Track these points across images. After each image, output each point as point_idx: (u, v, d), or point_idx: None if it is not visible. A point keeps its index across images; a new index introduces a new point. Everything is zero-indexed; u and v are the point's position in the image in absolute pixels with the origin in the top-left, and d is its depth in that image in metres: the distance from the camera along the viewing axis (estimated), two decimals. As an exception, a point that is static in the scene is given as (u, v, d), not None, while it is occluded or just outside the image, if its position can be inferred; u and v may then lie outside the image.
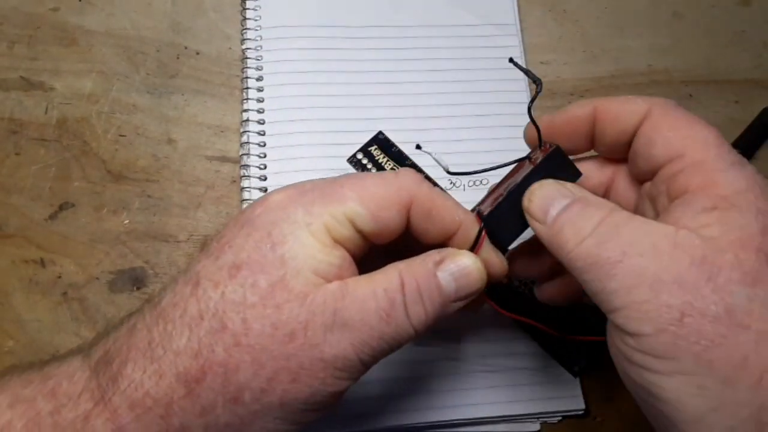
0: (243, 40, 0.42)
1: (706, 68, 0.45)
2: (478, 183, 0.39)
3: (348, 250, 0.26)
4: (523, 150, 0.42)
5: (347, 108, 0.41)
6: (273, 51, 0.42)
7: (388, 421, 0.34)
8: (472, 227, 0.28)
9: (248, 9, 0.43)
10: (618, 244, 0.23)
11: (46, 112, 0.40)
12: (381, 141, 0.40)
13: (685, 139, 0.25)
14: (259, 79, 0.41)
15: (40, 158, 0.39)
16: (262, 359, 0.24)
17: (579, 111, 0.28)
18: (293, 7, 0.43)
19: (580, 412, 0.35)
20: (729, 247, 0.22)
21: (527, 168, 0.28)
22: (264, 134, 0.40)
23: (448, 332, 0.36)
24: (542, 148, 0.29)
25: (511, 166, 0.30)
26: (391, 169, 0.39)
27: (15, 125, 0.39)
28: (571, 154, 0.29)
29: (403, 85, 0.42)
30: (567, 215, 0.25)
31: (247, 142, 0.39)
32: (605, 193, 0.30)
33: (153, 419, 0.24)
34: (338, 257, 0.26)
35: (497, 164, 0.30)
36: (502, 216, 0.28)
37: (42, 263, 0.36)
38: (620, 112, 0.27)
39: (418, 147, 0.30)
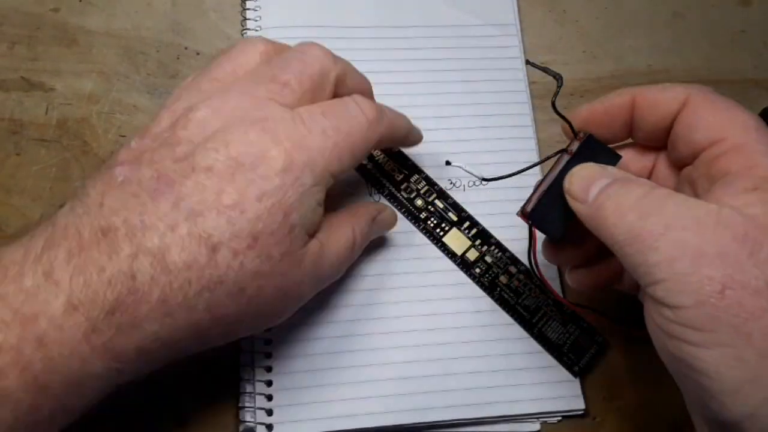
0: (243, 41, 0.42)
1: (706, 68, 0.45)
2: (478, 183, 0.39)
3: None
4: (525, 149, 0.42)
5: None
6: (273, 51, 0.42)
7: (387, 421, 0.34)
8: (408, 124, 0.35)
9: (248, 9, 0.43)
10: (661, 217, 0.24)
11: (46, 113, 0.40)
12: None
13: (725, 124, 0.26)
14: (260, 79, 0.41)
15: (40, 158, 0.39)
16: (264, 311, 0.29)
17: (618, 99, 0.30)
18: (293, 7, 0.43)
19: (580, 412, 0.35)
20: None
21: (565, 159, 0.30)
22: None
23: (447, 332, 0.36)
24: (577, 137, 0.30)
25: (553, 160, 0.30)
26: (391, 170, 0.39)
27: (15, 126, 0.39)
28: (610, 143, 0.30)
29: (402, 85, 0.42)
30: (608, 192, 0.26)
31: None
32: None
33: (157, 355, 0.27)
34: (321, 213, 0.30)
35: (532, 163, 0.31)
36: (547, 209, 0.29)
37: (42, 263, 0.36)
38: (659, 99, 0.28)
39: (448, 163, 0.34)
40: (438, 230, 0.38)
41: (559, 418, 0.35)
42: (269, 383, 0.34)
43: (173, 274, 0.25)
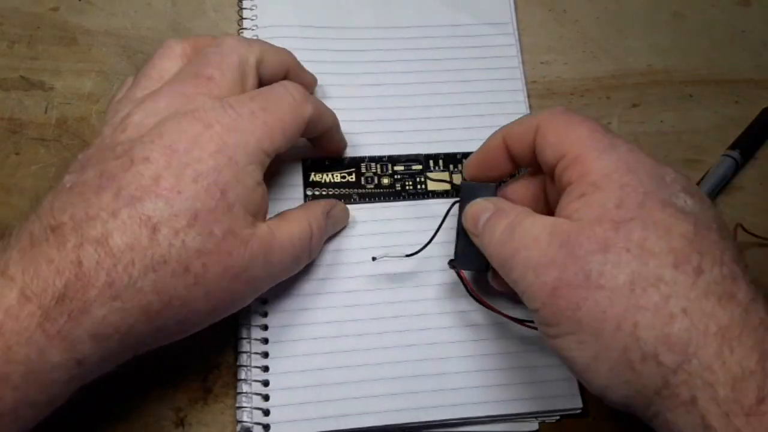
0: (241, 40, 0.42)
1: (706, 68, 0.45)
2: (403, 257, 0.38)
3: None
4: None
5: (342, 109, 0.41)
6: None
7: (384, 421, 0.34)
8: (337, 123, 0.37)
9: (245, 9, 0.43)
10: (512, 243, 0.29)
11: (45, 112, 0.40)
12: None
13: (564, 139, 0.30)
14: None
15: (40, 158, 0.39)
16: (215, 292, 0.29)
17: (492, 143, 0.34)
18: (289, 6, 0.43)
19: (578, 411, 0.35)
20: (588, 224, 0.26)
21: (458, 206, 0.34)
22: (261, 134, 0.40)
23: (446, 332, 0.36)
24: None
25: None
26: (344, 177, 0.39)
27: (15, 125, 0.39)
28: (505, 178, 0.36)
29: (398, 84, 0.42)
30: (488, 224, 0.31)
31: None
32: (543, 200, 0.34)
33: (113, 344, 0.27)
34: (262, 193, 0.31)
35: (437, 227, 0.35)
36: (466, 250, 0.33)
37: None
38: (519, 131, 0.32)
39: (374, 258, 0.35)
40: (420, 186, 0.39)
41: (558, 417, 0.35)
42: (266, 383, 0.34)
43: (117, 256, 0.26)
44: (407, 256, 0.35)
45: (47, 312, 0.25)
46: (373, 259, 0.35)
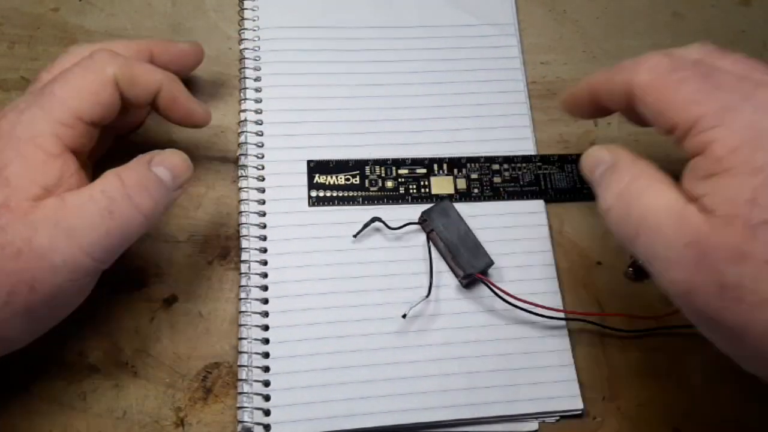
0: (241, 40, 0.42)
1: (706, 68, 0.45)
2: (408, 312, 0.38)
3: (84, 146, 0.31)
4: (524, 150, 0.42)
5: (345, 110, 0.41)
6: (271, 51, 0.42)
7: (385, 421, 0.34)
8: (174, 83, 0.34)
9: (246, 9, 0.43)
10: (630, 220, 0.27)
11: (46, 113, 0.40)
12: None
13: (670, 108, 0.27)
14: (257, 79, 0.41)
15: (40, 158, 0.39)
16: (16, 275, 0.27)
17: (580, 94, 0.33)
18: (291, 7, 0.43)
19: (579, 412, 0.35)
20: (720, 225, 0.24)
21: (434, 236, 0.37)
22: (262, 134, 0.40)
23: (445, 332, 0.36)
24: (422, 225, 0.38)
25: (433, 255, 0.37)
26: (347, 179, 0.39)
27: (15, 125, 0.39)
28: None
29: (400, 85, 0.42)
30: (603, 180, 0.29)
31: (245, 143, 0.39)
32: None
33: None
34: (59, 167, 0.29)
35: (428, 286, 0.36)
36: (468, 257, 0.36)
37: (42, 263, 0.36)
38: (609, 93, 0.31)
39: (404, 316, 0.35)
40: (423, 189, 0.39)
41: (558, 418, 0.35)
42: (267, 383, 0.34)
43: None
44: (426, 296, 0.36)
45: None
46: (403, 316, 0.35)
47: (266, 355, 0.35)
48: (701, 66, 0.28)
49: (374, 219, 0.37)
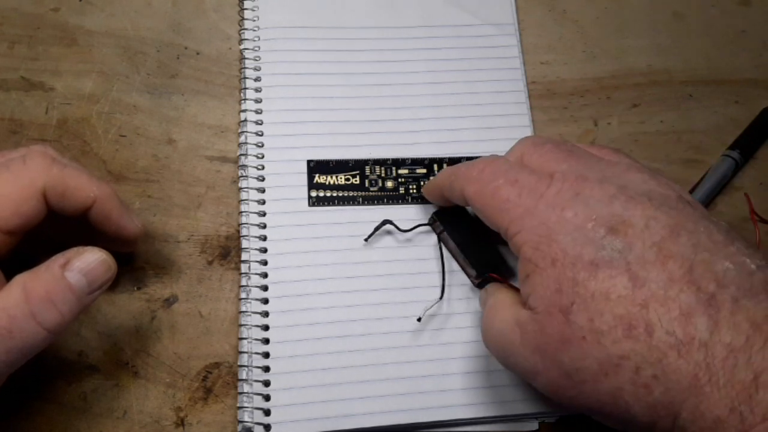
0: (241, 41, 0.42)
1: (706, 68, 0.45)
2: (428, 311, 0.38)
3: None
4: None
5: (345, 110, 0.41)
6: (271, 51, 0.42)
7: (385, 421, 0.34)
8: (108, 199, 0.31)
9: (246, 9, 0.43)
10: (495, 337, 0.30)
11: (46, 113, 0.40)
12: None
13: (489, 217, 0.31)
14: (257, 79, 0.41)
15: (40, 158, 0.39)
16: None
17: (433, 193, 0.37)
18: (291, 7, 0.43)
19: (579, 412, 0.35)
20: (543, 319, 0.27)
21: (445, 237, 0.37)
22: (262, 134, 0.40)
23: (445, 332, 0.36)
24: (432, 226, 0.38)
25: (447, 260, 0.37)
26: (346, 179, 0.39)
27: (15, 125, 0.39)
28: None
29: (401, 85, 0.42)
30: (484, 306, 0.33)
31: (245, 143, 0.39)
32: None
33: None
34: None
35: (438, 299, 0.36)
36: (480, 257, 0.36)
37: (42, 263, 0.36)
38: (447, 196, 0.35)
39: (419, 319, 0.36)
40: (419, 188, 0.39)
41: (557, 417, 0.35)
42: (267, 383, 0.34)
43: None
44: (440, 298, 0.36)
45: None
46: (418, 320, 0.36)
47: (266, 355, 0.35)
48: (511, 171, 0.30)
49: (385, 222, 0.37)
